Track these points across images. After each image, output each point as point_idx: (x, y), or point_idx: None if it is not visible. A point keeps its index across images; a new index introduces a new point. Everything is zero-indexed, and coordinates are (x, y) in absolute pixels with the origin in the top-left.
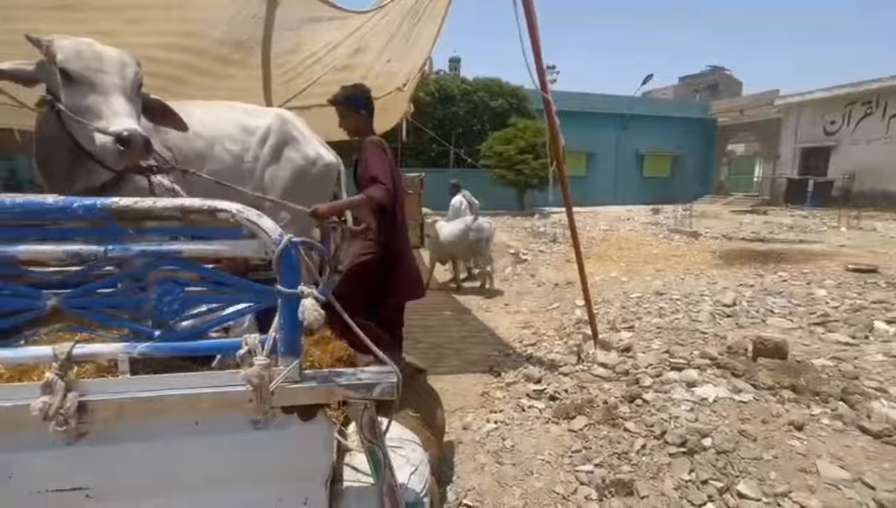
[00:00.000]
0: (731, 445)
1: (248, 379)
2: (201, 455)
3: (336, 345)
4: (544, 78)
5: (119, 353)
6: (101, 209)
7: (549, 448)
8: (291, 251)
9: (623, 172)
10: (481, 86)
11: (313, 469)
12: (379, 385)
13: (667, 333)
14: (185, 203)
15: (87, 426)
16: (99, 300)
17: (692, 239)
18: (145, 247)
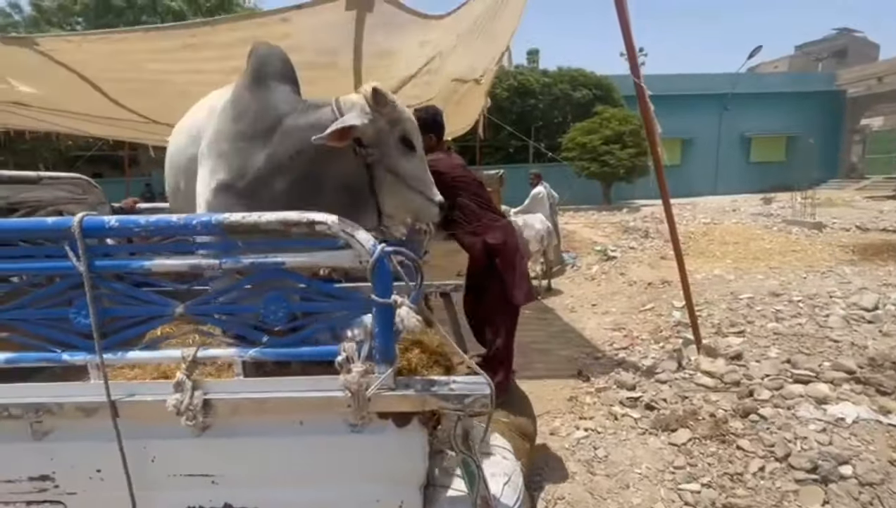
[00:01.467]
0: (878, 476)
1: (346, 385)
2: (305, 452)
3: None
4: (636, 62)
5: (234, 356)
6: (216, 225)
7: (648, 461)
8: (385, 261)
9: (725, 158)
10: (564, 77)
11: (408, 473)
12: (471, 397)
13: (787, 340)
14: (287, 217)
15: (210, 420)
16: (216, 307)
17: (815, 231)
18: (253, 259)
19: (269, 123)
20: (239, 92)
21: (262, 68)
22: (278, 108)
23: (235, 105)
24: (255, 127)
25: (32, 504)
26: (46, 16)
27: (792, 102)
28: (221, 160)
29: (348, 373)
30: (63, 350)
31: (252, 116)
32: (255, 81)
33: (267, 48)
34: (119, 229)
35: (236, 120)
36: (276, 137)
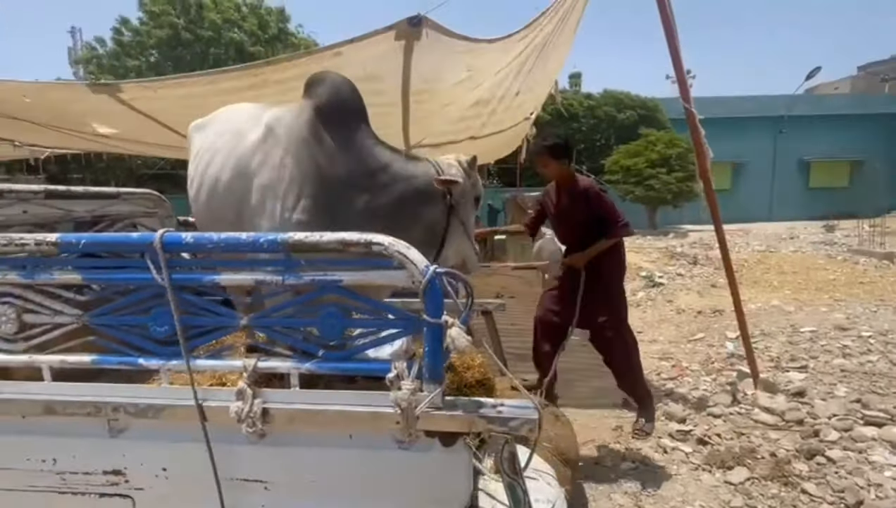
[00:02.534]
0: None
1: (396, 402)
2: (352, 466)
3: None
4: (686, 86)
5: (291, 368)
6: (281, 243)
7: (701, 498)
8: (436, 282)
9: (781, 183)
10: (609, 99)
11: (452, 493)
12: (520, 420)
13: (856, 377)
14: (345, 237)
15: (267, 428)
16: (277, 321)
17: (886, 262)
18: (313, 276)
19: (368, 170)
20: (313, 130)
21: (337, 104)
22: (377, 156)
23: (321, 144)
24: (351, 173)
25: (105, 496)
26: (126, 49)
27: (855, 124)
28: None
29: (399, 390)
30: (139, 355)
31: (348, 161)
32: (333, 118)
33: (333, 77)
34: (194, 244)
35: (329, 163)
36: (378, 185)
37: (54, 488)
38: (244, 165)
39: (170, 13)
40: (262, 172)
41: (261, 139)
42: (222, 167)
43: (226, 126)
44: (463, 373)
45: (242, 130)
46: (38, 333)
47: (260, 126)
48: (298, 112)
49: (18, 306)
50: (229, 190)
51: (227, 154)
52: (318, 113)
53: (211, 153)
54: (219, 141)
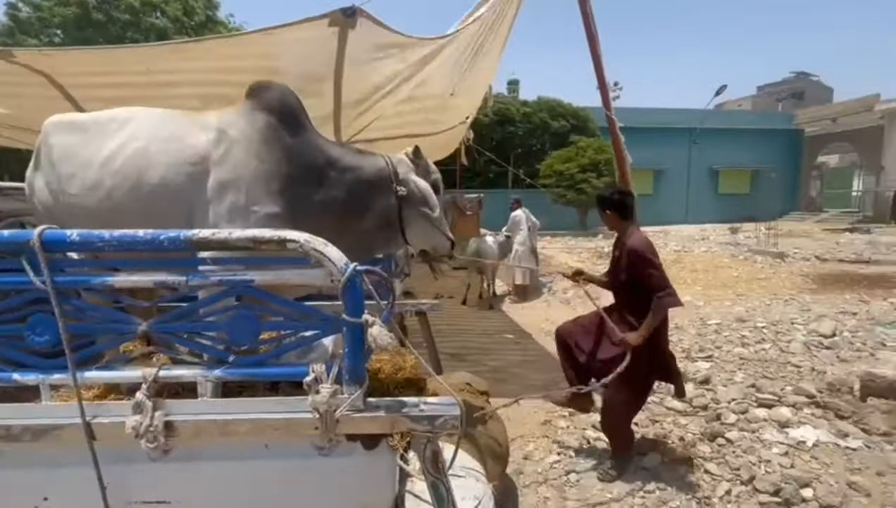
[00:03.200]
0: (837, 499)
1: (314, 406)
2: (270, 476)
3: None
4: (607, 95)
5: (198, 376)
6: (184, 241)
7: (619, 486)
8: (356, 280)
9: (695, 189)
10: (543, 106)
11: (376, 497)
12: (442, 418)
13: (752, 364)
14: (257, 234)
15: (171, 442)
16: (181, 326)
17: (778, 260)
18: (221, 276)
19: (321, 166)
20: (270, 133)
21: (288, 110)
22: (327, 152)
23: (280, 144)
24: (308, 170)
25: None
26: (23, 27)
27: (756, 138)
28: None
29: (317, 394)
30: (13, 370)
31: (304, 159)
32: (285, 122)
33: (280, 87)
34: (81, 243)
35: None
36: (331, 179)
37: None
38: (197, 164)
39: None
40: (221, 170)
41: (214, 141)
42: (167, 168)
43: (150, 129)
44: (394, 374)
45: (181, 133)
46: None
47: (208, 130)
48: (251, 116)
49: None
50: (177, 188)
51: (172, 155)
52: (273, 116)
53: (139, 157)
54: (150, 145)
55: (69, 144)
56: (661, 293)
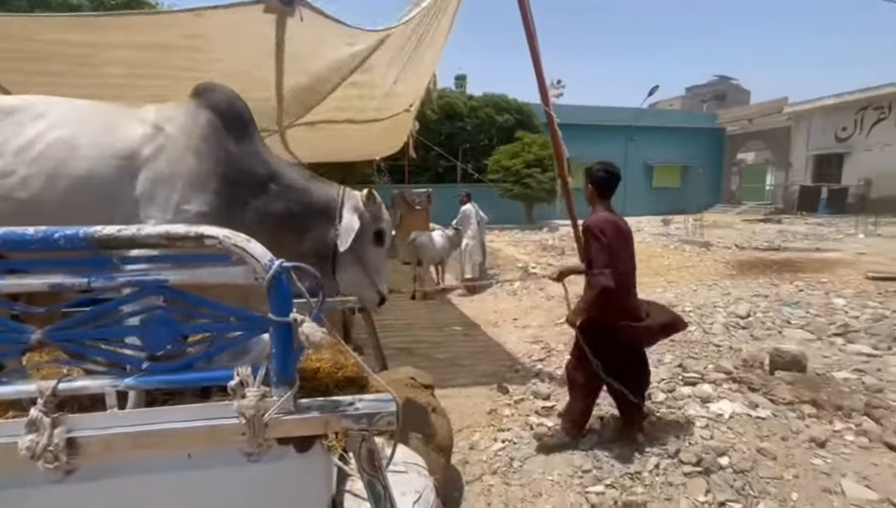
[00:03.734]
0: (749, 464)
1: (240, 411)
2: (194, 488)
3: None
4: (546, 91)
5: (106, 387)
6: (84, 239)
7: (559, 468)
8: (282, 277)
9: (631, 183)
10: (488, 102)
11: (310, 501)
12: (377, 415)
13: (679, 346)
14: (171, 230)
15: (76, 462)
16: (84, 333)
17: (704, 249)
18: (130, 277)
19: (260, 177)
20: (211, 133)
21: (234, 114)
22: (271, 165)
23: (221, 146)
24: (248, 178)
25: None
26: None
27: (685, 136)
28: (206, 197)
29: (243, 398)
30: None
31: (245, 166)
32: (229, 126)
33: (228, 91)
34: None
35: (227, 165)
36: (270, 194)
37: None
38: (128, 159)
39: None
40: (154, 165)
41: (149, 136)
42: (94, 161)
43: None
44: (334, 373)
45: (114, 125)
46: None
47: (144, 124)
48: (193, 114)
49: None
50: (105, 182)
51: (101, 148)
52: (218, 117)
53: (62, 146)
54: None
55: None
56: (595, 271)
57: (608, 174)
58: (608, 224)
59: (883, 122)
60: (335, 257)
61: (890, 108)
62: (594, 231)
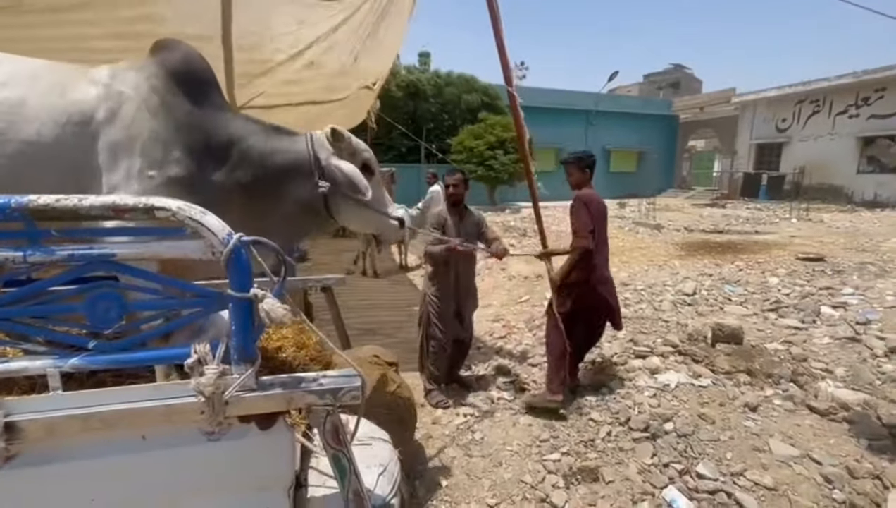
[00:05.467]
0: (690, 428)
1: (198, 389)
2: (150, 471)
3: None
4: (508, 71)
5: (48, 368)
6: (17, 209)
7: (518, 438)
8: (242, 251)
9: None
10: (453, 80)
11: (273, 478)
12: (342, 390)
13: (631, 322)
14: (118, 201)
15: (16, 447)
16: (21, 310)
17: (656, 232)
18: (73, 250)
19: (224, 142)
20: (169, 93)
21: (193, 74)
22: (237, 127)
23: (179, 107)
24: (208, 143)
25: None
26: None
27: (642, 122)
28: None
29: (201, 376)
30: None
31: (200, 128)
32: (188, 84)
33: (187, 48)
34: None
35: (188, 128)
36: (236, 158)
37: None
38: (82, 123)
39: None
40: (111, 130)
41: (101, 96)
42: (43, 124)
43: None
44: (297, 352)
45: (64, 86)
46: None
47: (96, 84)
48: (146, 72)
49: None
50: (57, 148)
51: (51, 110)
52: (174, 76)
53: (7, 108)
54: (24, 96)
55: None
56: (579, 235)
57: (593, 158)
58: (593, 199)
59: (817, 114)
60: (328, 207)
61: (824, 101)
62: (584, 201)
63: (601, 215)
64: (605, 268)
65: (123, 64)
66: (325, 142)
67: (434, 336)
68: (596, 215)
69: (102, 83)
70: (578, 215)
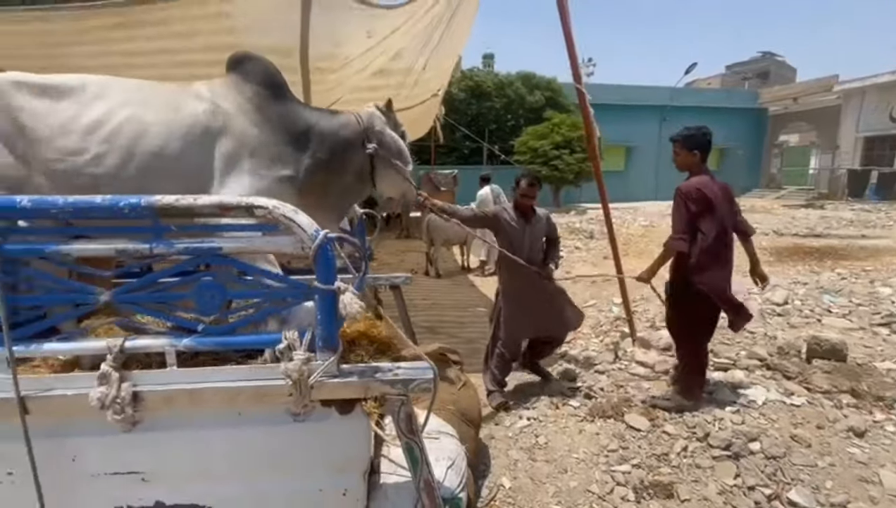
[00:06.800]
0: (781, 450)
1: (287, 373)
2: (244, 444)
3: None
4: (577, 68)
5: (166, 346)
6: (146, 207)
7: (584, 446)
8: (328, 247)
9: (665, 166)
10: (517, 78)
11: (352, 461)
12: (415, 381)
13: None
14: (224, 201)
15: (140, 414)
16: (146, 295)
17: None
18: (187, 244)
19: (303, 131)
20: (261, 102)
21: (271, 78)
22: (309, 117)
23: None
24: (296, 134)
25: None
26: None
27: (723, 116)
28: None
29: (290, 361)
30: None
31: (292, 125)
32: (270, 90)
33: (260, 57)
34: (33, 210)
35: (281, 128)
36: (315, 142)
37: None
38: (198, 134)
39: None
40: (225, 141)
41: (210, 112)
42: (166, 137)
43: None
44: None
45: (176, 102)
46: None
47: (202, 100)
48: (240, 86)
49: None
50: (177, 157)
51: (170, 125)
52: (260, 86)
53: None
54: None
55: (42, 107)
56: (673, 236)
57: (710, 136)
58: (700, 193)
59: None
60: (373, 171)
61: None
62: (684, 196)
63: (710, 207)
64: (719, 265)
65: (217, 80)
66: (377, 112)
67: (500, 339)
68: (702, 209)
69: (208, 100)
70: (676, 212)
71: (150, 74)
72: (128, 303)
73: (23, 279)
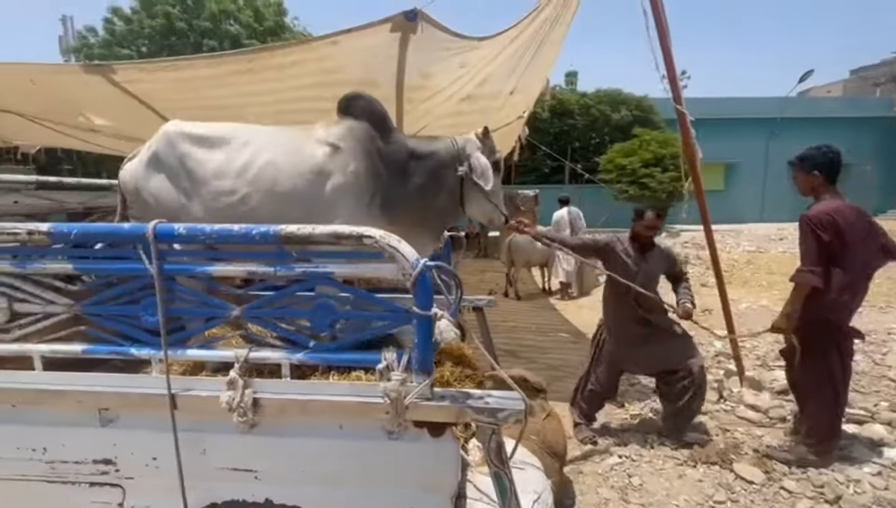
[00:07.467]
0: None
1: (385, 392)
2: (343, 455)
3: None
4: (677, 88)
5: (282, 359)
6: (273, 235)
7: (686, 493)
8: (426, 275)
9: (773, 184)
10: (602, 98)
11: (441, 483)
12: (506, 411)
13: None
14: (337, 230)
15: (258, 418)
16: (269, 312)
17: None
18: (305, 268)
19: (407, 160)
20: (370, 142)
21: (377, 115)
22: (410, 147)
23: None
24: (400, 166)
25: (95, 485)
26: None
27: (847, 127)
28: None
29: (388, 381)
30: (131, 345)
31: (396, 158)
32: (378, 129)
33: (368, 97)
34: (187, 236)
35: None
36: (414, 168)
37: (45, 477)
38: (317, 174)
39: (165, 1)
40: (337, 176)
41: (329, 154)
42: (294, 178)
43: (273, 143)
44: (453, 368)
45: (301, 147)
46: (29, 322)
47: (322, 144)
48: (354, 127)
49: (9, 295)
50: (303, 193)
51: (297, 167)
52: (370, 126)
53: (271, 168)
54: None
55: (202, 154)
56: (803, 268)
57: (836, 155)
58: (829, 219)
59: None
60: (462, 193)
61: None
62: (811, 225)
63: (848, 235)
64: (854, 303)
65: (333, 123)
66: (474, 138)
67: (595, 374)
68: (834, 239)
69: (326, 141)
70: (804, 242)
71: (268, 110)
72: (253, 318)
73: (176, 295)
